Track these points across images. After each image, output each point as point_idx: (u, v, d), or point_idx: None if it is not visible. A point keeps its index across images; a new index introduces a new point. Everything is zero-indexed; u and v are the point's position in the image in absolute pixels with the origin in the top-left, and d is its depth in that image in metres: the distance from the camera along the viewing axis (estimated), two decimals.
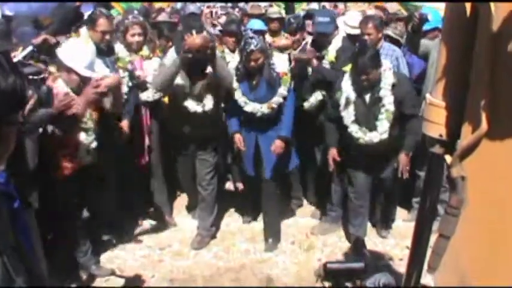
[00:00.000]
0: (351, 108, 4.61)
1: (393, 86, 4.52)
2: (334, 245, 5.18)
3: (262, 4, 6.98)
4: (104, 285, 4.37)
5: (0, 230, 1.27)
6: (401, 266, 4.26)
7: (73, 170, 4.09)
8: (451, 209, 1.34)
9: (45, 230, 4.01)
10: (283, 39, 5.81)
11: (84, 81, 3.99)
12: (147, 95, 5.09)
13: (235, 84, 4.78)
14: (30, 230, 2.96)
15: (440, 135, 1.44)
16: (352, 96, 4.61)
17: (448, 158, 1.39)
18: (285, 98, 4.82)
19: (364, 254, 4.56)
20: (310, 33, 5.86)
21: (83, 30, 4.89)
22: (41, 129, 3.74)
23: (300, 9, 7.03)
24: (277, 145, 4.82)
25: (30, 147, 3.55)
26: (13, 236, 1.34)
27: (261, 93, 4.77)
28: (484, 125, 1.21)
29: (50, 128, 3.83)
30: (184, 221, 5.63)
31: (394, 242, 5.16)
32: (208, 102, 4.80)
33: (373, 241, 5.25)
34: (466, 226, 1.32)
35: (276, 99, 4.79)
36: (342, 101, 4.65)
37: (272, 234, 5.20)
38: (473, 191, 1.30)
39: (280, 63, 4.87)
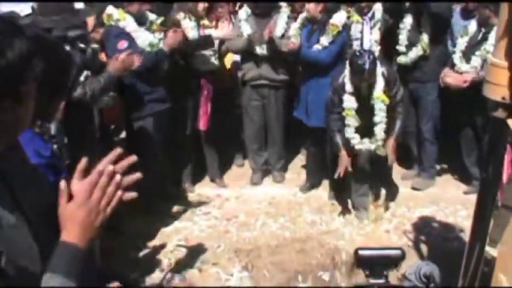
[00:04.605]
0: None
1: None
2: (402, 216, 5.06)
3: None
4: (170, 256, 4.47)
5: (43, 203, 1.26)
6: None
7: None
8: None
9: None
10: None
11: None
12: (207, 66, 5.30)
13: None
14: None
15: (503, 98, 1.34)
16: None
17: None
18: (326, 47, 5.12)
19: None
20: None
21: (109, 8, 4.72)
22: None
23: None
24: None
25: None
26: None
27: (312, 40, 5.21)
28: None
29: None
30: (250, 193, 5.66)
31: (466, 213, 4.98)
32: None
33: (444, 212, 5.10)
34: None
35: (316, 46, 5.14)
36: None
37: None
38: None
39: (338, 16, 5.13)
